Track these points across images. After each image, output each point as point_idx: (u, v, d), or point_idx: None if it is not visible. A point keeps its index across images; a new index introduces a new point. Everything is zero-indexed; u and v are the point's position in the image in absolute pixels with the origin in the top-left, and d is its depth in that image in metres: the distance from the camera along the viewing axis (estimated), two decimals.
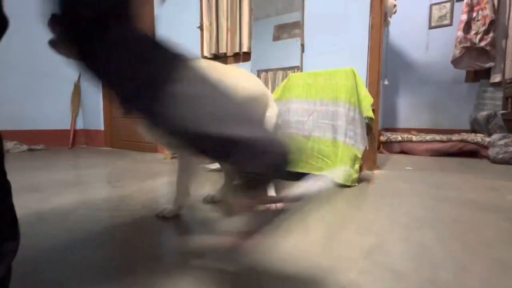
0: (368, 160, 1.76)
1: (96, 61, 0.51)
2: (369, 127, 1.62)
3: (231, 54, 2.29)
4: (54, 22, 0.49)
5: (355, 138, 1.41)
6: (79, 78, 3.48)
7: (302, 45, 1.92)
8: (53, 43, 0.51)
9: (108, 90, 0.54)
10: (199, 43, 2.47)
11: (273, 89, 1.99)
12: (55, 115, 3.17)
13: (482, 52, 2.95)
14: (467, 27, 2.99)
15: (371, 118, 1.51)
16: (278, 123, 1.10)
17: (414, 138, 2.70)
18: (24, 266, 0.64)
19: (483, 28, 2.88)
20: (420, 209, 1.05)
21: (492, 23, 2.86)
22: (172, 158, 2.47)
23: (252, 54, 2.11)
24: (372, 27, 1.68)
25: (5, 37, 0.40)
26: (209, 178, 1.63)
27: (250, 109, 0.61)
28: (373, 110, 1.58)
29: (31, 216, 0.98)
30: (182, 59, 0.54)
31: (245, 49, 2.17)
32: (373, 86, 1.70)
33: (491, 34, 2.87)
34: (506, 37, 2.88)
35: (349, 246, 0.74)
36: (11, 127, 2.77)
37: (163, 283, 0.57)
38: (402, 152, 2.79)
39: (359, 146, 1.42)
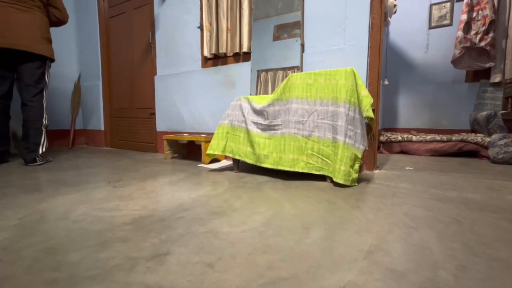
0: (368, 160, 1.76)
1: None
2: (369, 127, 1.62)
3: (231, 54, 2.29)
4: None
5: (355, 138, 1.41)
6: (79, 78, 3.48)
7: (302, 45, 1.92)
8: None
9: None
10: (199, 43, 2.47)
11: (273, 89, 1.99)
12: (55, 115, 3.18)
13: (482, 52, 2.96)
14: (467, 27, 3.00)
15: (371, 118, 1.51)
16: None
17: (414, 138, 2.70)
18: (24, 266, 0.64)
19: (483, 28, 2.88)
20: (420, 209, 1.05)
21: (492, 23, 2.86)
22: (172, 158, 2.46)
23: (252, 54, 2.11)
24: (372, 27, 1.69)
25: None
26: (209, 178, 1.63)
27: None
28: (373, 110, 1.58)
29: (31, 216, 0.99)
30: None
31: (245, 49, 2.17)
32: (373, 86, 1.70)
33: (491, 34, 2.87)
34: (506, 37, 2.89)
35: (349, 246, 0.74)
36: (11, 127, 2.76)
37: (163, 283, 0.57)
38: (402, 152, 2.79)
39: (359, 146, 1.42)
